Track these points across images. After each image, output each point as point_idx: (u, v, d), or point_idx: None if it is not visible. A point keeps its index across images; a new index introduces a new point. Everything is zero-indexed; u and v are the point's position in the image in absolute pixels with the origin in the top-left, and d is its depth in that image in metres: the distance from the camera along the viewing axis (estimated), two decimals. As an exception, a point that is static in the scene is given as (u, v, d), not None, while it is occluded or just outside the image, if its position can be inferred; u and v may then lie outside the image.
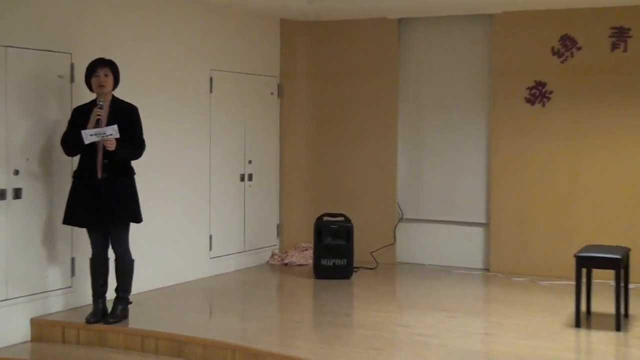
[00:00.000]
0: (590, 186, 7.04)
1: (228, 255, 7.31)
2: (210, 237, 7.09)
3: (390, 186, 7.74)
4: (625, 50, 6.87)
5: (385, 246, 7.75)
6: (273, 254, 7.88)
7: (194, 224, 6.87)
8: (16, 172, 5.26)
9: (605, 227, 6.94)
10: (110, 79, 5.22)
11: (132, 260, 5.35)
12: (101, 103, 5.14)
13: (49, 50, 5.45)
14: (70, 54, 5.60)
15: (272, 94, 7.84)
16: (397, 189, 7.77)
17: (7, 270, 5.23)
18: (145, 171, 5.76)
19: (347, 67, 7.84)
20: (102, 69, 5.20)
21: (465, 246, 7.64)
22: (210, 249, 7.09)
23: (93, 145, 5.08)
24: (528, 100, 7.24)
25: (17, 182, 5.28)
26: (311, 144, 8.05)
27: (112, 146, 4.99)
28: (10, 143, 5.25)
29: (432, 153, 7.70)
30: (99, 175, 5.09)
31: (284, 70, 7.90)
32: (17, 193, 5.28)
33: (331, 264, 7.01)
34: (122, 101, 5.32)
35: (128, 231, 5.30)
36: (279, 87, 7.92)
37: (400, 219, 7.80)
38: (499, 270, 7.32)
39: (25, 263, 5.32)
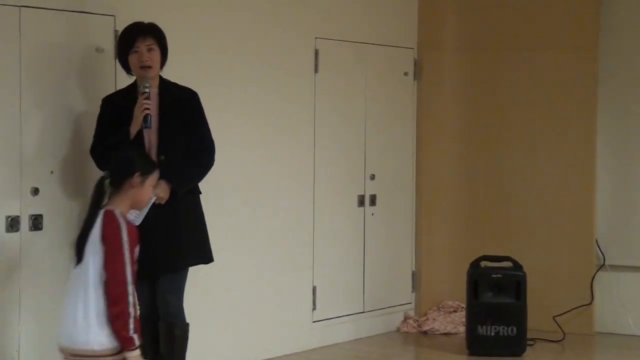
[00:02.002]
0: None
1: (340, 317, 7.48)
2: (314, 290, 7.27)
3: (585, 215, 7.78)
4: None
5: (577, 307, 7.74)
6: (406, 318, 7.99)
7: (289, 270, 7.05)
8: (35, 192, 5.38)
9: None
10: (156, 55, 5.25)
11: (187, 325, 5.41)
12: (147, 90, 5.17)
13: (81, 12, 5.62)
14: (114, 16, 5.73)
15: (406, 74, 8.01)
16: (595, 221, 7.80)
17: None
18: (213, 190, 5.84)
19: (516, 37, 7.98)
20: (143, 39, 5.21)
21: None
22: (314, 309, 7.28)
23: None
24: None
25: (36, 206, 5.39)
26: (463, 151, 8.20)
27: (164, 199, 5.14)
28: (24, 147, 5.39)
29: None
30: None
31: (425, 40, 8.08)
32: (36, 222, 5.40)
33: (493, 333, 7.03)
34: (176, 85, 5.39)
35: (185, 280, 5.37)
36: (417, 64, 8.10)
37: (602, 266, 7.76)
38: None
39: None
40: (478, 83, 8.07)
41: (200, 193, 5.39)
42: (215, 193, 5.99)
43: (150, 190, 4.51)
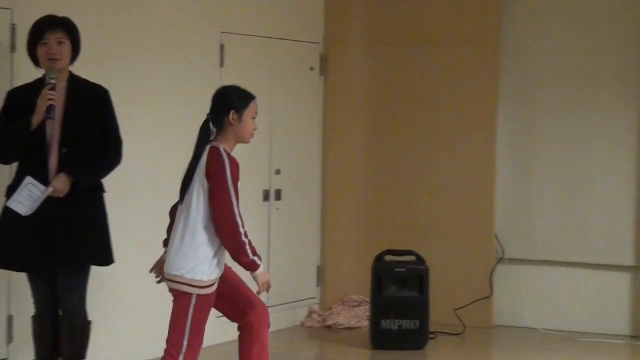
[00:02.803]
0: None
1: None
2: None
3: (485, 209, 7.81)
4: None
5: (476, 300, 7.76)
6: (311, 312, 7.98)
7: None
8: None
9: None
10: (66, 48, 5.16)
11: (89, 322, 5.31)
12: (52, 81, 5.09)
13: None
14: (10, 9, 5.65)
15: (311, 69, 8.00)
16: (495, 215, 7.83)
17: None
18: (118, 187, 5.74)
19: (421, 32, 8.01)
20: (53, 32, 5.12)
21: (601, 301, 7.66)
22: None
23: (42, 147, 5.04)
24: None
25: None
26: (369, 146, 8.18)
27: (62, 192, 5.04)
28: None
29: (550, 160, 7.78)
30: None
31: (331, 35, 8.09)
32: None
33: (396, 326, 7.05)
34: (86, 81, 5.29)
35: (87, 278, 5.26)
36: (323, 58, 8.09)
37: (500, 260, 7.80)
38: None
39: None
40: (384, 77, 8.07)
41: (105, 191, 5.28)
42: (121, 190, 5.89)
43: (250, 124, 4.60)
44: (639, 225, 7.42)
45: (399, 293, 7.07)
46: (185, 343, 4.57)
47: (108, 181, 5.31)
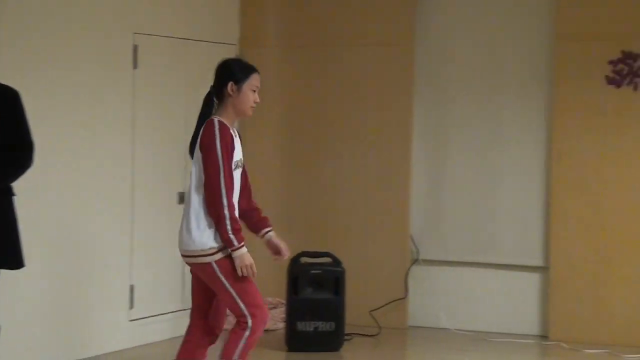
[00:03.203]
0: None
1: (158, 316, 7.37)
2: (131, 288, 7.13)
3: (400, 211, 7.87)
4: None
5: (392, 302, 7.79)
6: (226, 314, 7.70)
7: (105, 269, 6.93)
8: None
9: None
10: None
11: None
12: None
13: None
14: None
15: None
16: (410, 217, 7.88)
17: None
18: (28, 191, 5.60)
19: (337, 33, 8.03)
20: None
21: (512, 301, 7.75)
22: (131, 307, 7.14)
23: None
24: (611, 81, 7.31)
25: None
26: (284, 148, 8.22)
27: None
28: None
29: (464, 162, 7.85)
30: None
31: (246, 36, 8.07)
32: None
33: (312, 328, 7.07)
34: None
35: None
36: None
37: (415, 261, 7.87)
38: (562, 337, 7.43)
39: None
40: (300, 79, 8.09)
41: (15, 195, 5.15)
42: (32, 193, 5.79)
43: (249, 96, 4.63)
44: (548, 226, 7.53)
45: (315, 295, 7.08)
46: (242, 306, 4.59)
47: (18, 184, 5.19)
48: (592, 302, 7.28)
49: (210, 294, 4.80)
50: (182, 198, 7.46)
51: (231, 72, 4.67)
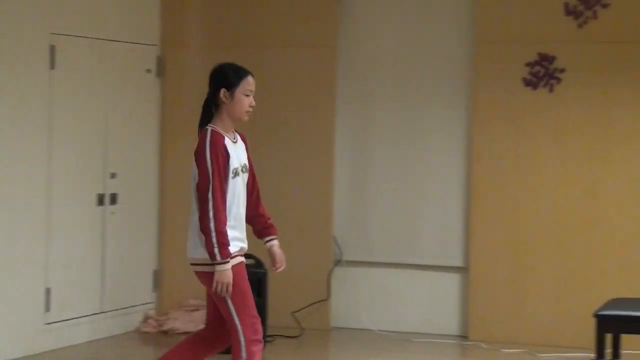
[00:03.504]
0: (618, 210, 7.21)
1: (76, 318, 7.31)
2: (48, 291, 7.07)
3: (324, 212, 7.88)
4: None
5: (314, 303, 7.80)
6: (147, 318, 7.88)
7: (21, 271, 6.84)
8: None
9: (639, 272, 7.11)
10: None
11: None
12: None
13: None
14: None
15: (148, 71, 7.93)
16: (333, 218, 7.90)
17: None
18: None
19: (260, 34, 8.03)
20: None
21: (434, 302, 7.77)
22: (47, 310, 7.08)
23: None
24: (528, 83, 7.37)
25: None
26: None
27: None
28: None
29: (386, 163, 7.87)
30: None
31: (168, 37, 8.04)
32: None
33: None
34: None
35: None
36: (160, 61, 8.03)
37: (338, 262, 7.87)
38: (481, 337, 7.47)
39: None
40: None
41: None
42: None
43: (243, 101, 4.62)
44: (468, 227, 7.57)
45: (237, 297, 7.07)
46: (237, 321, 4.55)
47: None
48: (510, 302, 7.33)
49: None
50: (101, 200, 7.41)
51: (222, 79, 4.65)
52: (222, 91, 4.61)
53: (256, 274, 7.08)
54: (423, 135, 7.75)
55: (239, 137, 4.79)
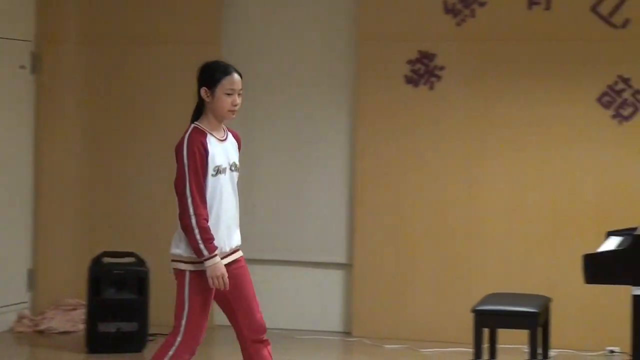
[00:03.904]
0: (497, 207, 7.32)
1: None
2: None
3: None
4: (547, 8, 7.20)
5: None
6: (21, 317, 7.74)
7: None
8: None
9: (516, 268, 7.22)
10: None
11: None
12: None
13: None
14: None
15: (22, 67, 7.78)
16: None
17: None
18: None
19: (141, 31, 7.91)
20: None
21: (318, 299, 7.79)
22: None
23: None
24: (410, 80, 7.42)
25: None
26: (86, 146, 8.05)
27: None
28: None
29: (271, 161, 7.90)
30: None
31: (43, 33, 7.87)
32: None
33: (114, 329, 6.98)
34: None
35: None
36: (34, 57, 7.88)
37: None
38: (365, 334, 7.51)
39: None
40: (102, 77, 7.91)
41: None
42: None
43: (224, 100, 4.56)
44: (351, 224, 7.60)
45: (118, 295, 6.96)
46: (183, 325, 4.62)
47: None
48: (393, 298, 7.38)
49: (227, 301, 4.77)
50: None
51: (204, 77, 4.62)
52: (204, 89, 4.59)
53: (137, 272, 7.03)
54: (306, 134, 7.75)
55: (230, 135, 4.73)
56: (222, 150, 4.64)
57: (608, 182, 7.06)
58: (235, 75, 4.64)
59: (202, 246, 4.47)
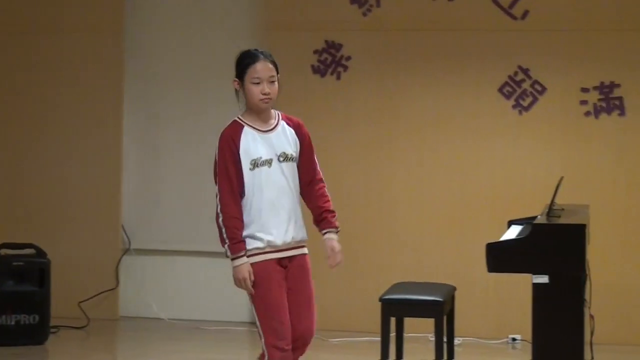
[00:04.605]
0: (403, 197, 7.36)
1: None
2: None
3: (111, 200, 7.81)
4: (451, -1, 7.35)
5: (101, 292, 7.70)
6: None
7: None
8: None
9: (423, 257, 7.28)
10: None
11: None
12: None
13: None
14: None
15: None
16: (121, 206, 7.85)
17: None
18: None
19: (39, 20, 7.79)
20: None
21: (225, 289, 7.51)
22: None
23: None
24: (317, 70, 7.44)
25: None
26: None
27: None
28: None
29: (176, 152, 7.85)
30: None
31: None
32: None
33: (13, 322, 6.89)
34: None
35: None
36: None
37: (127, 251, 7.82)
38: None
39: None
40: (5, 67, 7.74)
41: None
42: None
43: (252, 90, 4.39)
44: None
45: (17, 287, 6.84)
46: (259, 326, 4.42)
47: None
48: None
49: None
50: None
51: (236, 68, 4.46)
52: (236, 81, 4.45)
53: (37, 263, 6.93)
54: (213, 123, 7.63)
55: (284, 123, 4.53)
56: (264, 142, 4.44)
57: (510, 171, 7.15)
58: (260, 63, 4.42)
59: (227, 245, 4.38)
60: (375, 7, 7.27)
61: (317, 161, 4.65)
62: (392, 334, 5.57)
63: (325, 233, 4.59)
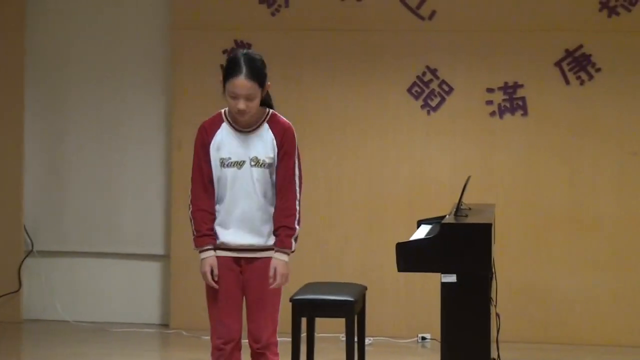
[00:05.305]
0: (313, 197, 7.22)
1: None
2: None
3: (13, 201, 7.71)
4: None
5: (4, 295, 7.65)
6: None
7: None
8: None
9: (333, 257, 7.31)
10: None
11: None
12: None
13: None
14: None
15: None
16: (23, 208, 7.76)
17: None
18: None
19: None
20: None
21: (134, 291, 7.73)
22: None
23: None
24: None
25: None
26: None
27: None
28: None
29: (82, 151, 7.75)
30: None
31: None
32: None
33: None
34: None
35: None
36: None
37: (30, 253, 7.75)
38: (183, 325, 7.48)
39: None
40: None
41: None
42: None
43: (230, 101, 4.26)
44: (168, 215, 7.55)
45: None
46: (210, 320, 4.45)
47: None
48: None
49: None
50: None
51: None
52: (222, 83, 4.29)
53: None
54: (121, 122, 7.61)
55: (266, 128, 4.34)
56: (240, 142, 4.32)
57: (419, 171, 7.23)
58: (239, 80, 4.21)
59: (193, 237, 4.36)
60: (283, 7, 7.27)
61: (296, 171, 4.38)
62: (303, 334, 5.56)
63: (274, 251, 4.49)
